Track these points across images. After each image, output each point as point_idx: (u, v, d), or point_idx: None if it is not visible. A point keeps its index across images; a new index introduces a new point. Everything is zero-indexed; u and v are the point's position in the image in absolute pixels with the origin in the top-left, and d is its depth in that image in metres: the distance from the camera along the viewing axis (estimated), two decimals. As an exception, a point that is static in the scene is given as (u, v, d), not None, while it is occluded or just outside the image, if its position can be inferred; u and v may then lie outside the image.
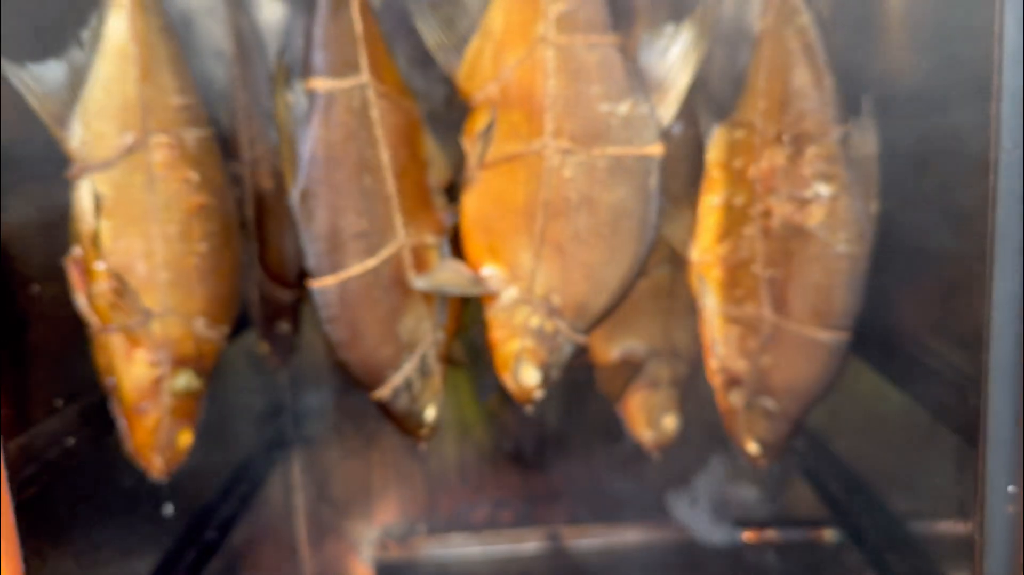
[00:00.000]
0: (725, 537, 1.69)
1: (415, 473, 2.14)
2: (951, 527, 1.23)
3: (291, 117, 1.15)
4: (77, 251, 1.15)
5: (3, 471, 0.87)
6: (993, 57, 0.84)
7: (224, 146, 1.49)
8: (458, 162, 1.46)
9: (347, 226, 1.19)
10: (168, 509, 1.48)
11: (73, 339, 1.25)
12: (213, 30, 1.92)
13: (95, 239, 1.14)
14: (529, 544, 2.14)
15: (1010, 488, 0.84)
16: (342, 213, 1.18)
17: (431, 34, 1.22)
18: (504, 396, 2.09)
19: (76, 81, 1.13)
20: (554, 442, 2.12)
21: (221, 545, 1.68)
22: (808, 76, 1.16)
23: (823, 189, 1.17)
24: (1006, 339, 0.79)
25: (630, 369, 1.61)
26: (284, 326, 1.71)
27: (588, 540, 2.14)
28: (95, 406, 1.30)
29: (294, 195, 1.16)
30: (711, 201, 1.28)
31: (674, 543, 2.09)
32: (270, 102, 1.60)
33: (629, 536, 2.13)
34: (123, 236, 1.16)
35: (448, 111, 1.47)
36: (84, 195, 1.13)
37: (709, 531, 1.72)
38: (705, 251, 1.31)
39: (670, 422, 1.64)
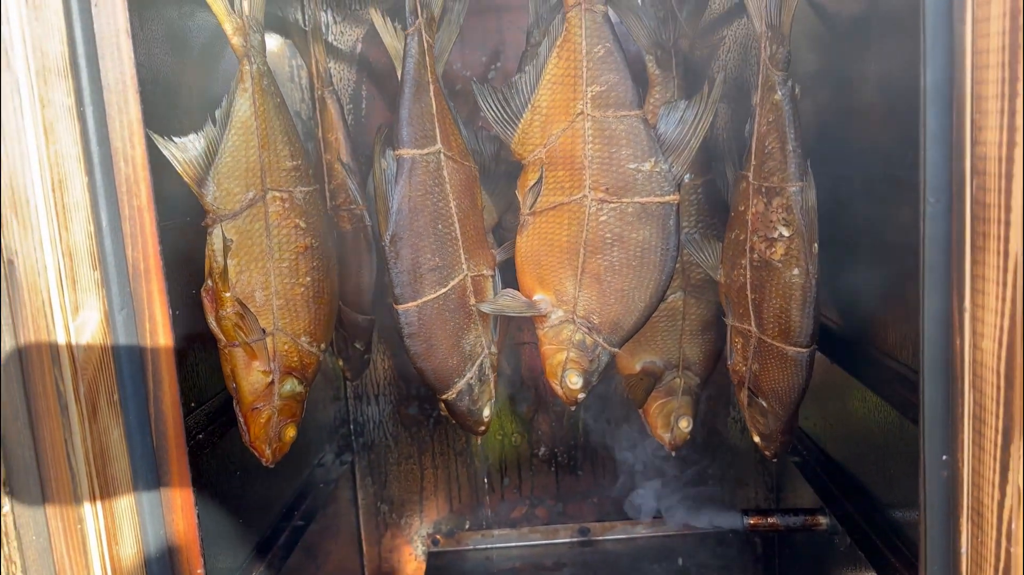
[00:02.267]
0: (735, 523, 1.95)
1: (462, 476, 2.43)
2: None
3: (384, 178, 1.46)
4: (208, 283, 1.46)
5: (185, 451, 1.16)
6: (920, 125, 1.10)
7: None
8: (502, 206, 1.77)
9: (424, 262, 1.49)
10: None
11: (200, 354, 1.56)
12: (295, 97, 2.25)
13: (224, 274, 1.44)
14: (562, 538, 2.41)
15: (943, 457, 1.11)
16: (421, 252, 1.49)
17: (491, 110, 1.53)
18: (538, 407, 2.40)
19: (210, 150, 1.43)
20: (584, 448, 2.40)
21: (302, 535, 1.96)
22: (776, 142, 1.45)
23: (784, 231, 1.46)
24: (935, 341, 1.06)
25: (650, 379, 1.90)
26: (358, 346, 2.01)
27: (613, 535, 2.41)
28: (217, 409, 1.61)
29: (386, 239, 1.47)
30: (729, 236, 1.58)
31: (686, 534, 2.36)
32: (350, 159, 1.94)
33: (649, 530, 2.40)
34: (245, 271, 1.47)
35: (496, 165, 1.79)
36: (216, 240, 1.44)
37: (720, 519, 1.98)
38: (725, 277, 1.61)
39: (685, 424, 1.92)
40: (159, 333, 1.10)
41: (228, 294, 1.46)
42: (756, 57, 1.61)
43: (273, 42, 2.09)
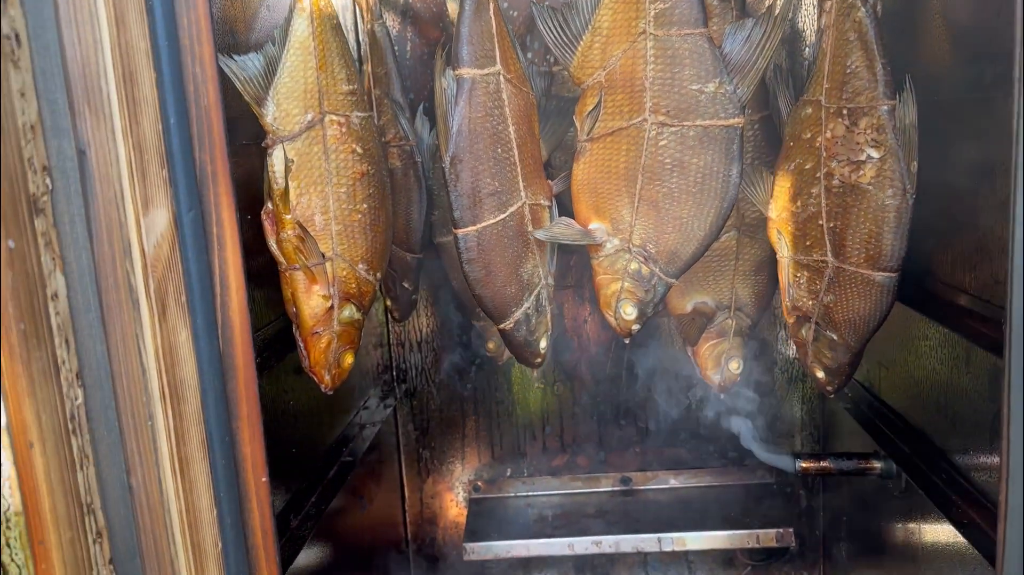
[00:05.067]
0: (787, 466, 1.92)
1: (504, 423, 2.42)
2: (985, 447, 1.45)
3: (445, 99, 1.43)
4: (268, 206, 1.45)
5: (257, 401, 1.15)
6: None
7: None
8: (552, 144, 1.74)
9: (484, 186, 1.47)
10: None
11: (255, 281, 1.55)
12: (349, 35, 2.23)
13: (285, 195, 1.43)
14: (603, 487, 2.40)
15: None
16: (480, 176, 1.47)
17: (550, 33, 1.50)
18: (581, 355, 2.38)
19: (270, 69, 1.42)
20: (626, 397, 2.38)
21: (350, 472, 1.96)
22: (862, 60, 1.41)
23: (873, 153, 1.42)
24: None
25: (702, 319, 1.87)
26: (406, 285, 2.00)
27: (655, 484, 2.39)
28: (271, 338, 1.61)
29: (446, 160, 1.45)
30: (786, 167, 1.54)
31: (728, 485, 2.34)
32: (400, 95, 1.92)
33: (691, 480, 2.38)
34: (305, 194, 1.46)
35: (546, 101, 1.75)
36: (277, 161, 1.42)
37: (772, 461, 1.95)
38: (782, 210, 1.57)
39: (735, 366, 1.89)
40: (227, 237, 1.08)
41: (289, 216, 1.45)
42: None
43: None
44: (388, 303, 2.04)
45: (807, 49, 2.15)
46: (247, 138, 1.50)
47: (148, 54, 1.01)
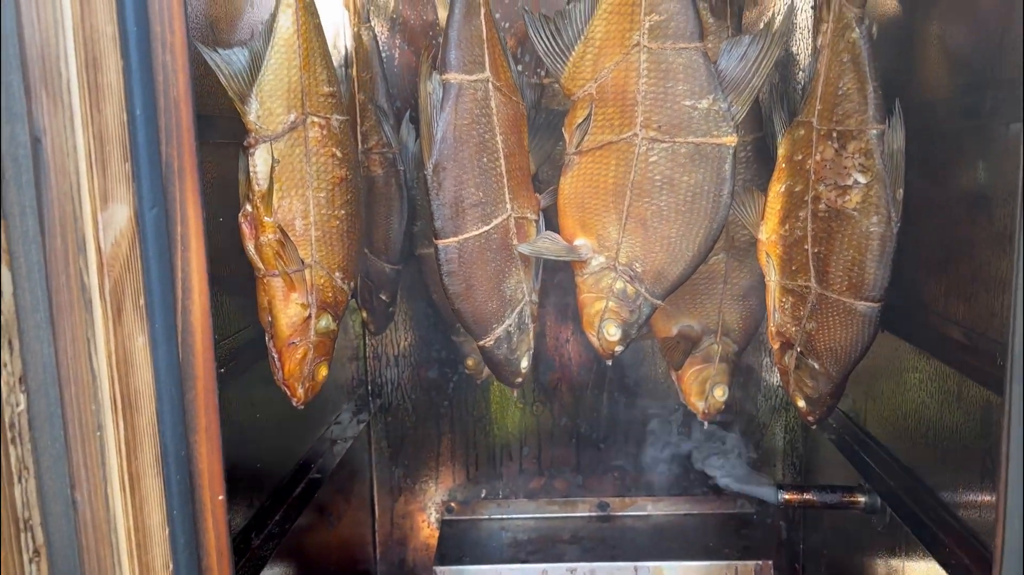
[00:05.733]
0: (770, 498, 1.86)
1: (480, 443, 2.35)
2: (975, 485, 1.41)
3: (430, 103, 1.38)
4: (248, 208, 1.39)
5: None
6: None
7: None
8: (540, 157, 1.70)
9: (468, 196, 1.42)
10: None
11: (225, 286, 1.48)
12: (331, 36, 2.18)
13: (267, 197, 1.37)
14: (580, 511, 2.34)
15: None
16: (464, 185, 1.41)
17: (541, 42, 1.45)
18: (562, 375, 2.32)
19: (255, 66, 1.37)
20: (607, 420, 2.32)
21: (317, 490, 1.89)
22: (854, 83, 1.38)
23: (860, 178, 1.38)
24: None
25: (688, 343, 1.82)
26: (383, 297, 1.94)
27: (632, 511, 2.33)
28: (240, 346, 1.54)
29: (428, 167, 1.39)
30: (777, 189, 1.50)
31: (707, 514, 2.29)
32: (384, 100, 1.86)
33: (670, 507, 2.32)
34: (286, 197, 1.40)
35: (535, 114, 1.71)
36: (259, 161, 1.37)
37: (755, 492, 1.90)
38: (771, 232, 1.53)
39: (720, 393, 1.84)
40: (191, 237, 1.02)
41: (270, 219, 1.38)
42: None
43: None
44: (364, 315, 1.98)
45: (800, 72, 2.13)
46: (218, 138, 1.44)
47: (115, 39, 0.95)
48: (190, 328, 1.04)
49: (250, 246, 1.38)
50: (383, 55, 2.25)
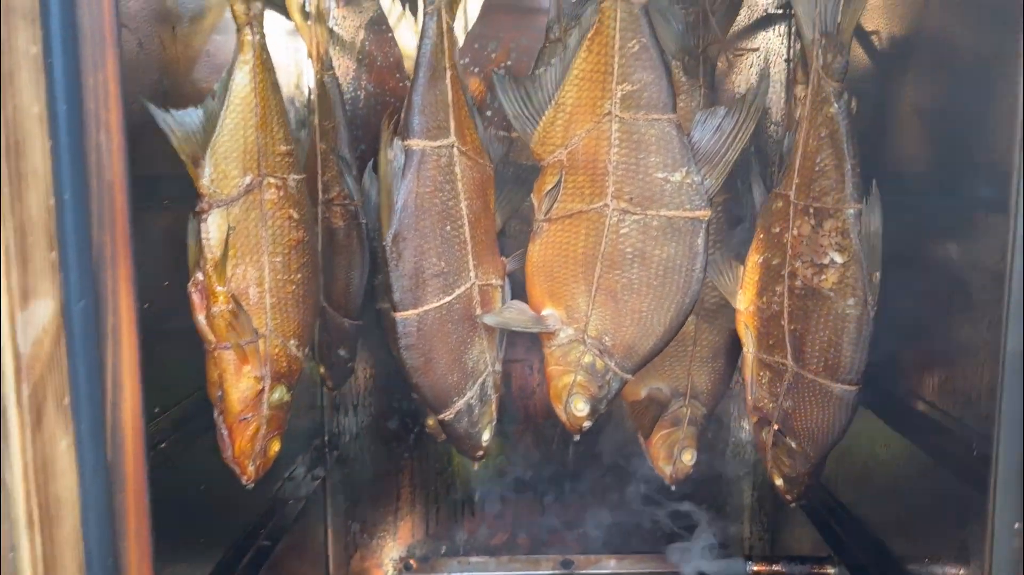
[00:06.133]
0: (736, 569, 1.82)
1: (440, 497, 2.27)
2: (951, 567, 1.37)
3: (390, 170, 1.31)
4: (198, 277, 1.30)
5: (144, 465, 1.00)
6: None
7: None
8: (508, 212, 1.64)
9: (429, 266, 1.35)
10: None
11: (170, 351, 1.39)
12: (292, 83, 2.10)
13: (220, 265, 1.29)
14: (544, 569, 2.26)
15: (1016, 525, 0.98)
16: (426, 255, 1.34)
17: (511, 105, 1.40)
18: (527, 428, 2.25)
19: (209, 126, 1.29)
20: (572, 476, 2.26)
21: (268, 557, 1.79)
22: (831, 159, 1.34)
23: (837, 257, 1.34)
24: (1012, 394, 0.94)
25: (656, 407, 1.77)
26: (342, 353, 1.86)
27: (597, 569, 2.27)
28: (185, 415, 1.45)
29: (388, 237, 1.32)
30: (755, 260, 1.46)
31: (672, 572, 2.22)
32: (347, 151, 1.79)
33: (638, 567, 2.26)
34: (240, 264, 1.32)
35: (504, 167, 1.65)
36: (212, 227, 1.28)
37: (722, 569, 1.85)
38: (749, 303, 1.48)
39: (688, 458, 1.78)
40: (123, 330, 0.94)
41: (223, 288, 1.30)
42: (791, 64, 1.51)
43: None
44: (322, 371, 1.90)
45: (772, 125, 2.10)
46: (163, 196, 1.36)
47: (42, 119, 0.87)
48: (120, 426, 0.95)
49: (200, 317, 1.30)
50: (348, 95, 2.18)
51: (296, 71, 2.12)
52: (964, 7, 1.32)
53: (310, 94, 1.79)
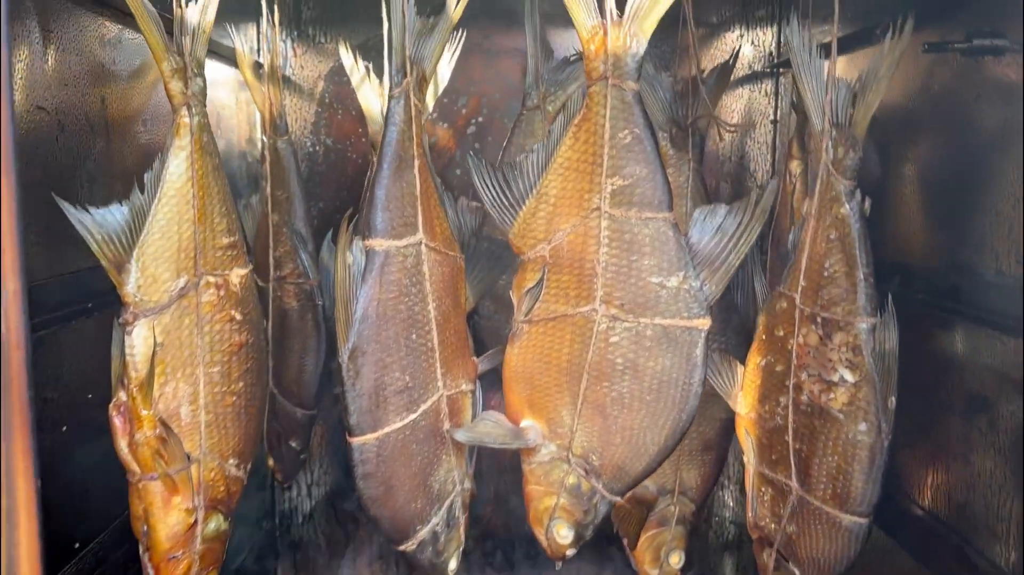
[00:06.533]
0: None
1: (402, 583, 2.10)
2: None
3: (348, 277, 1.15)
4: (121, 398, 1.12)
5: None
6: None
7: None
8: (480, 291, 1.48)
9: (391, 383, 1.18)
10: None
11: (89, 484, 1.21)
12: (243, 136, 1.93)
13: (146, 386, 1.11)
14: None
15: None
16: (388, 370, 1.18)
17: (488, 192, 1.24)
18: (496, 509, 2.09)
19: (136, 225, 1.11)
20: (544, 561, 2.10)
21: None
22: (842, 266, 1.20)
23: (848, 375, 1.20)
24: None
25: (642, 510, 1.62)
26: (293, 445, 1.68)
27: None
28: (107, 551, 1.27)
29: (344, 353, 1.15)
30: (756, 362, 1.32)
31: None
32: (303, 224, 1.62)
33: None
34: (171, 381, 1.14)
35: (476, 241, 1.49)
36: (137, 341, 1.11)
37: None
38: (750, 409, 1.34)
39: (676, 560, 1.64)
40: (20, 512, 0.77)
41: (149, 412, 1.12)
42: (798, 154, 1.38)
43: (216, 73, 1.77)
44: (271, 463, 1.71)
45: (758, 189, 1.98)
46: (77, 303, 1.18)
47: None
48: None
49: (122, 444, 1.12)
50: (306, 150, 2.01)
51: (248, 123, 1.95)
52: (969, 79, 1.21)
53: (263, 148, 1.62)
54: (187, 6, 1.15)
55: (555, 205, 1.23)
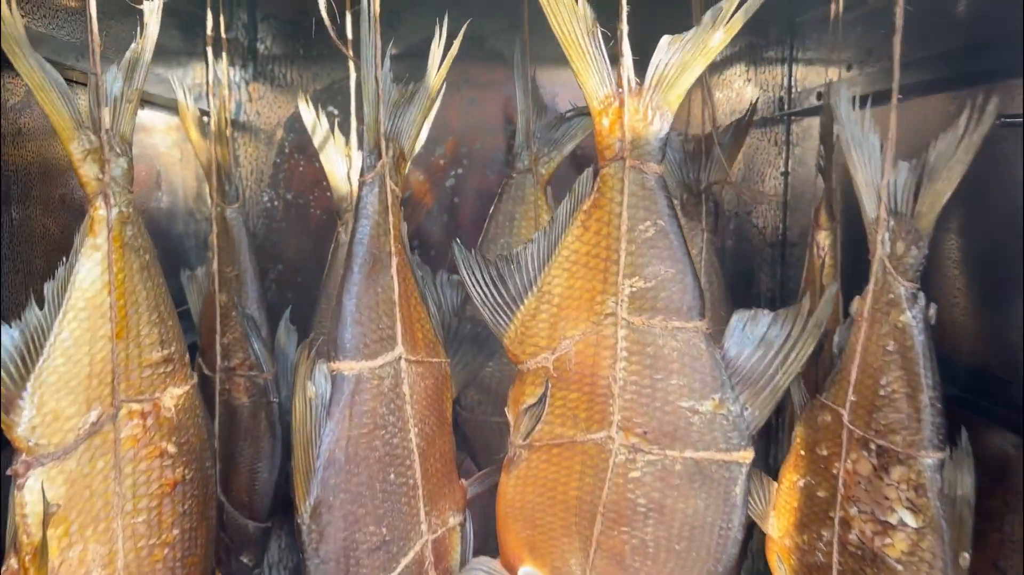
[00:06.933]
0: None
1: None
2: None
3: (310, 414, 0.92)
4: (13, 565, 0.88)
5: None
6: None
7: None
8: (462, 380, 1.26)
9: (363, 541, 0.95)
10: None
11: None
12: (191, 206, 1.69)
13: (40, 554, 0.87)
14: None
15: None
16: (360, 526, 0.95)
17: (478, 288, 1.03)
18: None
19: (31, 350, 0.88)
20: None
21: None
22: (902, 385, 0.99)
23: (908, 519, 1.00)
24: None
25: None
26: (245, 560, 1.44)
27: None
28: None
29: (304, 512, 0.92)
30: (793, 480, 1.11)
31: None
32: (256, 306, 1.39)
33: None
34: (77, 543, 0.90)
35: (459, 323, 1.28)
36: (29, 497, 0.87)
37: None
38: (784, 534, 1.12)
39: None
40: None
41: None
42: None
43: (157, 119, 1.53)
44: (220, 585, 1.47)
45: (769, 248, 1.79)
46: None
47: None
48: None
49: (12, 629, 0.88)
50: (263, 206, 1.78)
51: (196, 177, 1.70)
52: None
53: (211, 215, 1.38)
54: (106, 70, 0.92)
55: (560, 307, 1.01)
